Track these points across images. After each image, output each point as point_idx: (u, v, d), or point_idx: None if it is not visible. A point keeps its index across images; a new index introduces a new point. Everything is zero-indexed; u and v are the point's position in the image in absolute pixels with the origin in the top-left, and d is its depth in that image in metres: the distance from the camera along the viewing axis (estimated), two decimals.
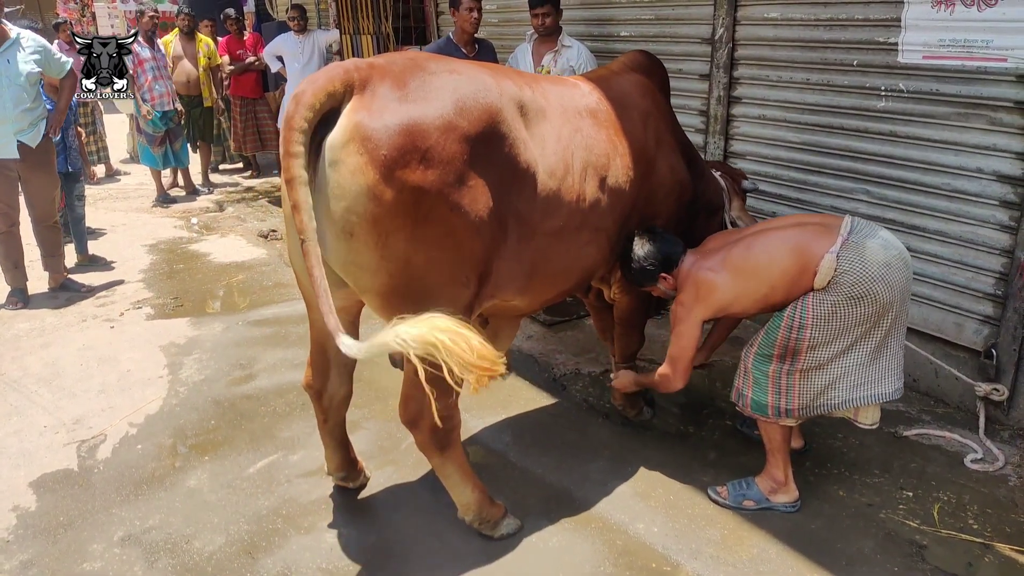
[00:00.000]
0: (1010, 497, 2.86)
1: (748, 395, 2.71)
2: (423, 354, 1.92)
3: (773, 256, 2.60)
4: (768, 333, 2.65)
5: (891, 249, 2.52)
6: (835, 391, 2.61)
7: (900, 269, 2.50)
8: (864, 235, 2.53)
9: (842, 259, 2.47)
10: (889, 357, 2.63)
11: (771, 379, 2.64)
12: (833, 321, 2.52)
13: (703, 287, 2.69)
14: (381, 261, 2.17)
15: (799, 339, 2.56)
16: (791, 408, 2.63)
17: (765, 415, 2.68)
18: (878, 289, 2.46)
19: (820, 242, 2.53)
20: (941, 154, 3.34)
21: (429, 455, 2.52)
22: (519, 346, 4.15)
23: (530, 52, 4.84)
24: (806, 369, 2.58)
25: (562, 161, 2.54)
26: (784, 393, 2.63)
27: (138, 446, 3.23)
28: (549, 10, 4.59)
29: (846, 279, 2.46)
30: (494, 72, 2.46)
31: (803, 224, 2.70)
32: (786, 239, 2.62)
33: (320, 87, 2.08)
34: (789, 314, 2.57)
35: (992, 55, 3.10)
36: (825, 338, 2.54)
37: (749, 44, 4.07)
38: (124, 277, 5.37)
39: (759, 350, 2.68)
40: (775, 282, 2.58)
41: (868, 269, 2.46)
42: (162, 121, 7.43)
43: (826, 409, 2.65)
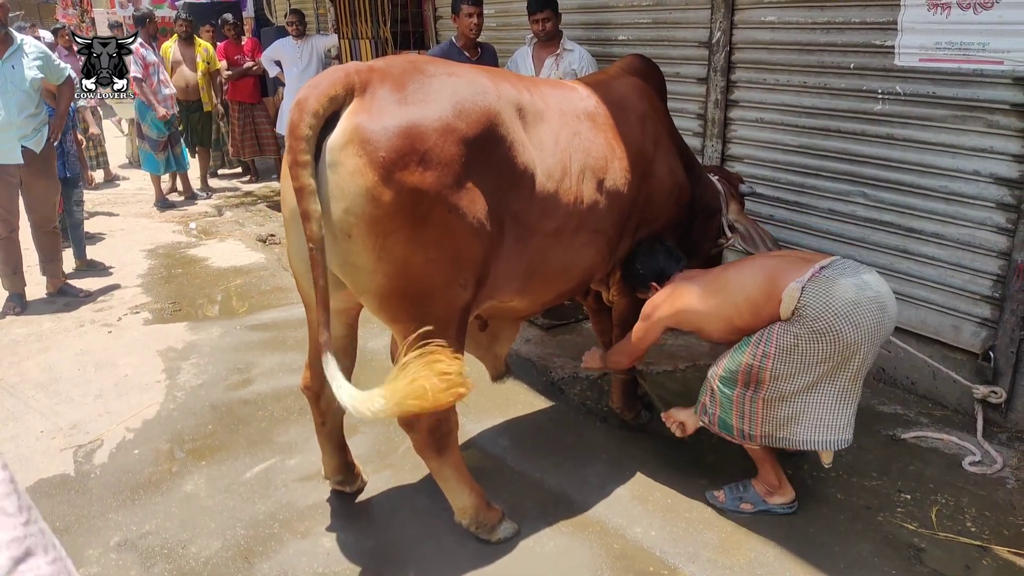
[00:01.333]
0: (1008, 500, 2.85)
1: (716, 412, 2.68)
2: (416, 409, 2.02)
3: (743, 279, 2.63)
4: (733, 356, 2.61)
5: (866, 291, 2.45)
6: (798, 427, 2.56)
7: (872, 312, 2.43)
8: (840, 273, 2.48)
9: (807, 291, 2.44)
10: (853, 404, 2.58)
11: (735, 403, 2.61)
12: (795, 353, 2.47)
13: (676, 291, 2.76)
14: (379, 262, 2.17)
15: (761, 367, 2.52)
16: (754, 435, 2.61)
17: (731, 435, 2.67)
18: (841, 327, 2.40)
19: (791, 273, 2.51)
20: (938, 157, 3.35)
21: (426, 458, 2.52)
22: (517, 349, 4.15)
23: (530, 56, 4.85)
24: (769, 398, 2.55)
25: (560, 163, 2.55)
26: (748, 418, 2.60)
27: (135, 451, 3.22)
28: (549, 15, 4.61)
29: (808, 312, 2.43)
30: (493, 75, 2.47)
31: (785, 256, 2.76)
32: (763, 266, 2.64)
33: (323, 92, 2.09)
34: (755, 340, 2.54)
35: (989, 58, 3.10)
36: (787, 371, 2.49)
37: (746, 48, 4.08)
38: (122, 282, 5.37)
39: (724, 372, 2.63)
40: (740, 305, 2.58)
41: (832, 305, 2.41)
42: (166, 126, 7.44)
43: (788, 444, 2.62)
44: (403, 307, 2.26)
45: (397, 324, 2.32)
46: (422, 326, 2.27)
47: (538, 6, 4.63)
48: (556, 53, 4.65)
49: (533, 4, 4.68)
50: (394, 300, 2.25)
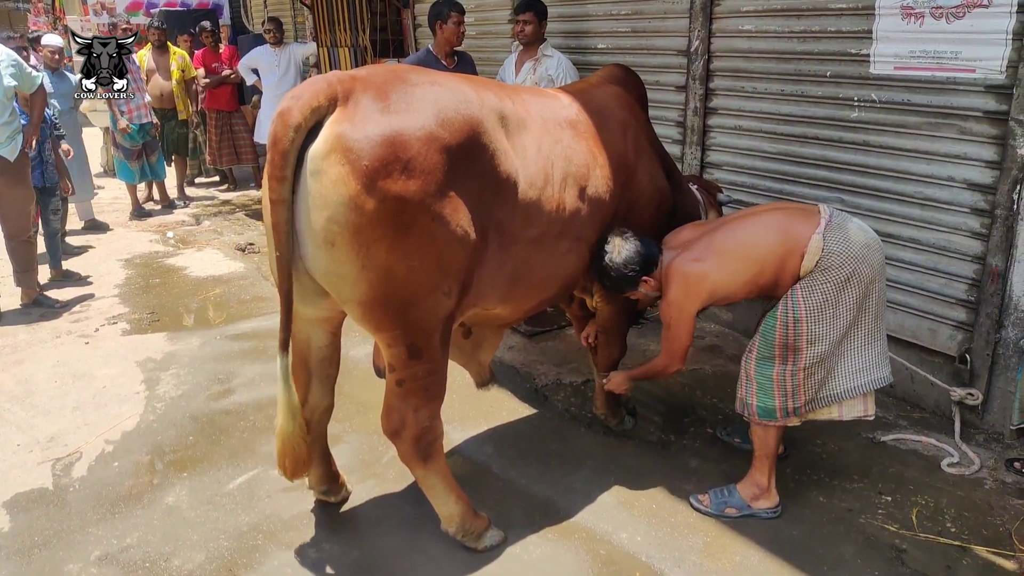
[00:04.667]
0: (986, 500, 2.90)
1: (753, 403, 2.70)
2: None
3: (760, 236, 2.64)
4: (764, 335, 2.66)
5: (868, 232, 2.62)
6: (836, 380, 2.64)
7: (876, 250, 2.59)
8: (843, 219, 2.61)
9: (828, 239, 2.53)
10: (880, 343, 2.68)
11: (775, 382, 2.64)
12: (826, 309, 2.54)
13: (692, 278, 2.68)
14: (362, 271, 2.17)
15: (797, 335, 2.57)
16: (799, 406, 2.64)
17: (774, 419, 2.67)
18: (861, 268, 2.52)
19: (804, 225, 2.58)
20: (913, 163, 3.40)
21: (412, 466, 2.51)
22: (501, 357, 4.14)
23: (513, 61, 4.88)
24: (808, 366, 2.59)
25: (542, 171, 2.56)
26: (791, 394, 2.63)
27: (115, 463, 3.18)
28: (529, 18, 4.62)
29: (833, 260, 2.51)
30: (475, 84, 2.48)
31: (782, 208, 2.78)
32: (770, 222, 2.67)
33: (305, 103, 2.08)
34: (782, 311, 2.59)
35: (961, 66, 3.16)
36: (821, 330, 2.56)
37: (724, 56, 4.13)
38: (99, 292, 5.30)
39: (759, 353, 2.67)
40: (764, 262, 2.61)
41: (852, 249, 2.52)
42: (139, 135, 7.37)
43: (831, 401, 2.67)
44: (387, 315, 2.25)
45: (381, 333, 2.31)
46: (406, 334, 2.30)
47: (522, 7, 4.66)
48: (535, 58, 4.68)
49: (518, 6, 4.70)
50: (378, 308, 2.24)
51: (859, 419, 2.74)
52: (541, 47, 4.66)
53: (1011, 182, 3.06)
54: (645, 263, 2.75)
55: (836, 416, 2.71)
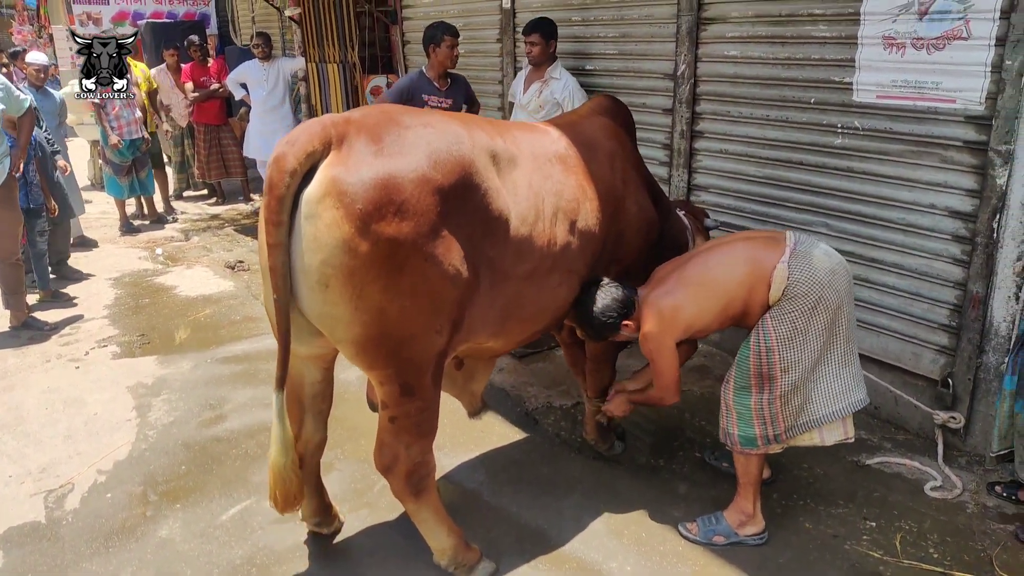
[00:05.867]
0: (968, 525, 2.96)
1: (734, 432, 2.75)
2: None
3: (728, 268, 2.71)
4: (739, 365, 2.72)
5: (833, 257, 2.68)
6: (814, 406, 2.69)
7: (843, 275, 2.65)
8: (809, 245, 2.68)
9: (792, 267, 2.59)
10: (854, 365, 2.74)
11: (754, 411, 2.69)
12: (796, 337, 2.61)
13: (666, 311, 2.74)
14: (356, 312, 2.20)
15: (770, 363, 2.63)
16: (779, 434, 2.70)
17: (755, 447, 2.73)
18: (827, 295, 2.58)
19: (770, 254, 2.65)
20: (896, 190, 3.47)
21: (404, 501, 2.54)
22: (491, 379, 4.17)
23: (523, 80, 4.92)
24: (784, 393, 2.65)
25: (533, 207, 2.59)
26: (770, 422, 2.69)
27: (107, 495, 3.18)
28: (536, 39, 4.66)
29: (799, 288, 2.57)
30: (466, 123, 2.51)
31: (751, 238, 2.85)
32: (738, 251, 2.75)
33: (300, 149, 2.11)
34: (754, 340, 2.66)
35: (942, 96, 3.23)
36: (793, 357, 2.62)
37: (710, 80, 4.18)
38: (88, 313, 5.29)
39: (736, 383, 2.73)
40: (732, 293, 2.68)
41: (817, 275, 2.58)
42: (129, 150, 7.35)
43: (810, 427, 2.72)
44: (380, 355, 2.28)
45: (374, 371, 2.34)
46: (399, 373, 2.33)
47: (528, 29, 4.70)
48: (543, 79, 4.72)
49: (526, 26, 4.75)
50: (371, 348, 2.27)
51: (841, 443, 2.79)
52: (549, 69, 4.69)
53: (991, 211, 3.12)
54: (622, 308, 2.80)
55: (817, 441, 2.76)
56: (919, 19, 3.23)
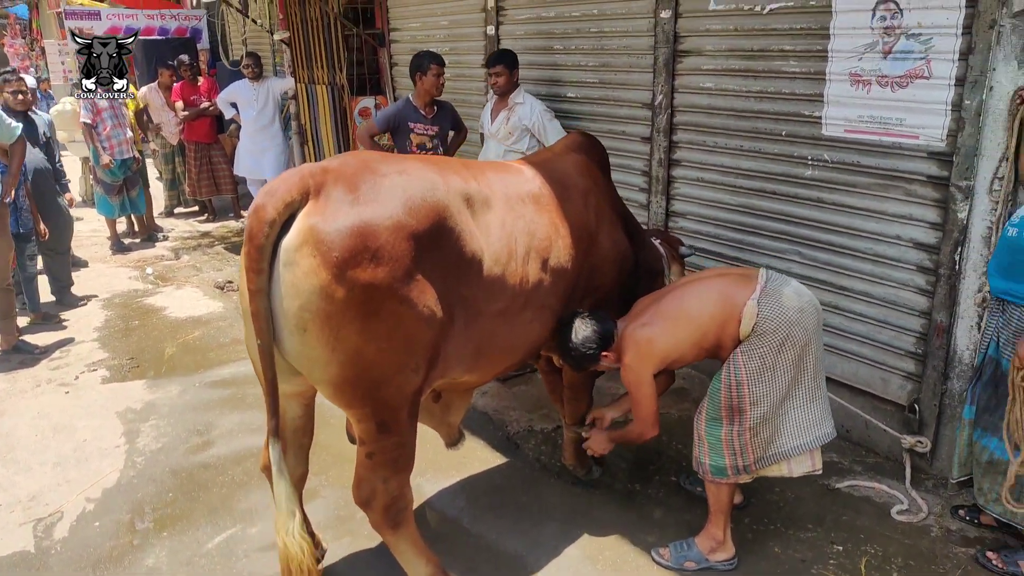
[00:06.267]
0: (931, 548, 3.05)
1: (706, 462, 2.85)
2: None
3: (702, 302, 2.82)
4: (712, 397, 2.82)
5: (803, 296, 2.78)
6: (783, 438, 2.79)
7: (811, 313, 2.75)
8: (779, 283, 2.79)
9: (762, 305, 2.70)
10: (821, 400, 2.85)
11: (724, 442, 2.79)
12: (764, 372, 2.71)
13: (643, 343, 2.85)
14: (333, 354, 2.29)
15: (740, 396, 2.73)
16: (748, 464, 2.80)
17: (725, 476, 2.83)
18: (795, 332, 2.69)
19: (741, 291, 2.76)
20: (864, 221, 3.57)
21: (382, 533, 2.62)
22: (474, 403, 4.25)
23: (489, 110, 5.03)
24: (754, 426, 2.75)
25: (506, 247, 2.69)
26: (739, 452, 2.78)
27: (96, 523, 3.26)
28: (501, 70, 4.79)
29: (768, 325, 2.68)
30: (442, 169, 2.61)
31: (724, 275, 2.96)
32: (711, 287, 2.86)
33: (279, 199, 2.20)
34: (725, 374, 2.76)
35: (905, 132, 3.34)
36: (762, 391, 2.72)
37: (687, 111, 4.29)
38: (79, 336, 5.36)
39: (708, 415, 2.84)
40: (705, 327, 2.79)
41: (785, 313, 2.69)
42: (120, 170, 7.43)
43: (779, 459, 2.81)
44: (357, 394, 2.37)
45: (351, 410, 2.43)
46: (376, 411, 2.42)
47: (492, 61, 4.83)
48: (508, 107, 4.83)
49: (489, 59, 4.87)
50: (348, 388, 2.36)
51: (808, 474, 2.88)
52: (513, 95, 4.81)
53: (952, 244, 3.23)
54: (602, 340, 2.91)
55: (786, 473, 2.86)
56: (883, 58, 3.34)
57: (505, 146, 4.84)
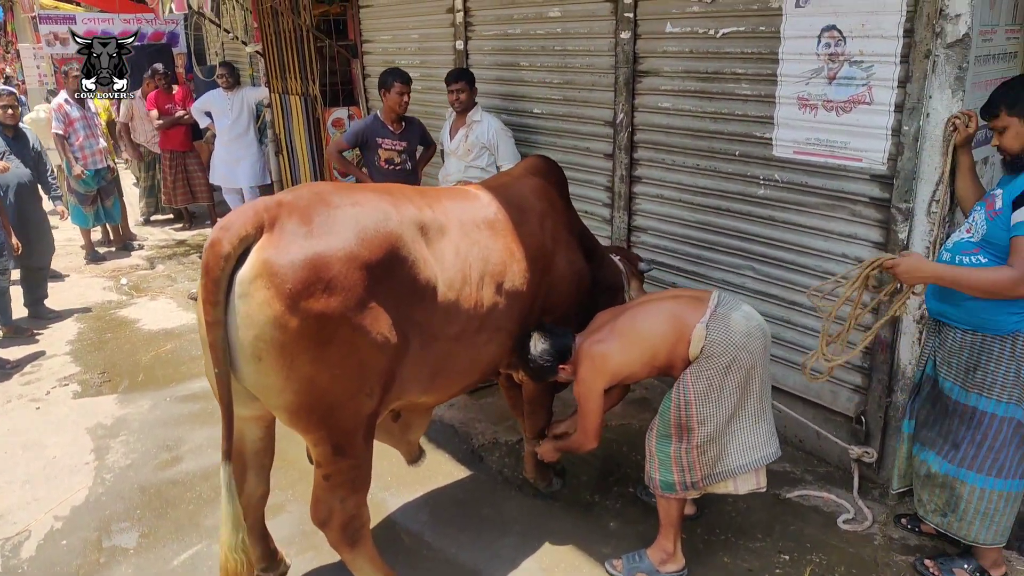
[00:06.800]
0: (873, 556, 3.18)
1: (656, 477, 2.96)
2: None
3: (653, 323, 2.94)
4: (662, 415, 2.94)
5: (752, 320, 2.89)
6: (729, 457, 2.90)
7: (758, 337, 2.86)
8: (729, 307, 2.89)
9: (711, 328, 2.81)
10: (767, 421, 2.96)
11: (673, 459, 2.91)
12: (711, 393, 2.82)
13: (597, 359, 2.96)
14: (287, 382, 2.38)
15: (688, 415, 2.84)
16: (696, 481, 2.91)
17: (674, 492, 2.94)
18: (741, 356, 2.80)
19: (692, 313, 2.87)
20: (812, 239, 3.70)
21: (340, 552, 2.71)
22: (441, 415, 4.35)
23: (449, 127, 5.12)
24: (701, 444, 2.86)
25: (460, 273, 2.79)
26: (687, 469, 2.89)
27: (63, 541, 3.32)
28: (463, 86, 4.88)
29: (715, 348, 2.79)
30: (396, 198, 2.69)
31: (678, 297, 3.08)
32: (663, 309, 2.97)
33: (234, 234, 2.29)
34: (675, 393, 2.87)
35: (850, 155, 3.47)
36: (709, 411, 2.83)
37: (646, 129, 4.40)
38: (51, 350, 5.40)
39: (659, 432, 2.95)
40: (656, 347, 2.90)
41: (732, 338, 2.79)
42: (94, 180, 7.45)
43: (725, 476, 2.92)
44: (312, 419, 2.46)
45: (307, 434, 2.52)
46: (331, 435, 2.51)
47: (453, 77, 4.92)
48: (466, 125, 4.93)
49: (449, 75, 4.96)
50: (303, 414, 2.45)
51: (753, 491, 3.00)
52: (471, 114, 4.91)
53: None
54: (559, 353, 3.01)
55: (732, 490, 2.97)
56: (828, 83, 3.46)
57: (465, 163, 4.94)
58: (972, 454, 2.78)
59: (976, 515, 2.81)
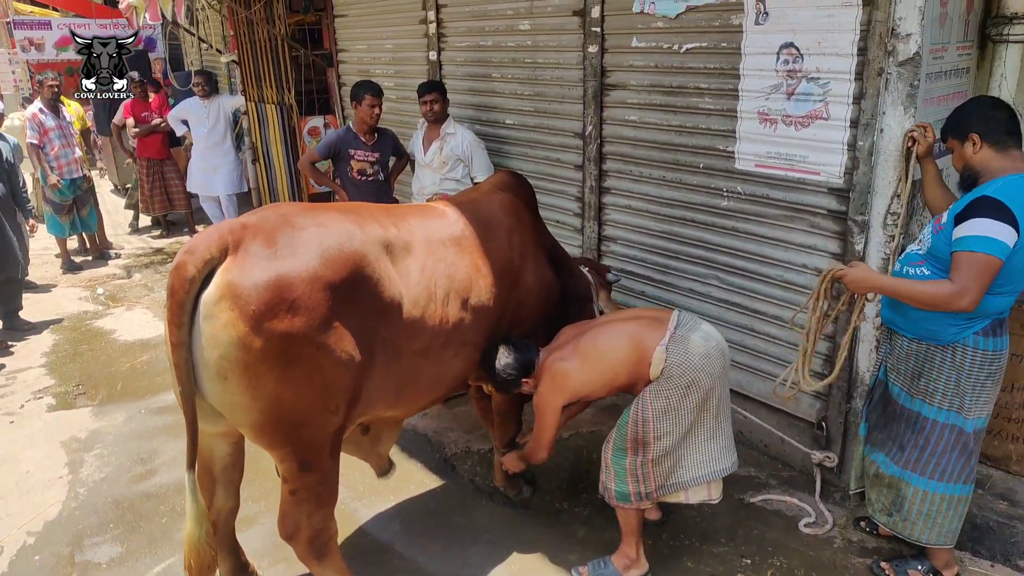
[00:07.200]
0: (832, 559, 3.28)
1: (612, 488, 3.04)
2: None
3: (614, 345, 3.00)
4: (619, 429, 3.01)
5: (710, 341, 2.95)
6: (683, 470, 2.98)
7: (717, 358, 2.93)
8: (688, 329, 2.95)
9: (670, 351, 2.87)
10: (722, 437, 3.03)
11: (628, 471, 2.98)
12: (669, 412, 2.90)
13: (558, 376, 3.04)
14: (252, 400, 2.43)
15: (645, 431, 2.92)
16: (650, 492, 2.98)
17: (629, 502, 3.01)
18: (700, 377, 2.87)
19: (652, 335, 2.93)
20: (774, 249, 3.79)
21: (309, 564, 2.76)
22: (415, 425, 4.41)
23: (421, 139, 5.17)
24: (656, 457, 2.94)
25: (425, 290, 2.85)
26: (642, 480, 2.97)
27: (36, 556, 3.35)
28: (436, 97, 4.94)
29: (674, 370, 2.86)
30: (361, 218, 2.75)
31: (639, 318, 3.14)
32: (624, 331, 3.04)
33: (198, 257, 2.34)
34: (634, 410, 2.95)
35: (808, 169, 3.56)
36: (665, 428, 2.91)
37: (614, 141, 4.48)
38: (25, 362, 5.40)
39: (615, 445, 3.02)
40: (617, 368, 2.97)
41: (691, 360, 2.86)
42: (70, 189, 7.44)
43: (678, 488, 3.01)
44: (278, 436, 2.51)
45: (273, 450, 2.57)
46: (296, 451, 2.56)
47: (426, 88, 4.98)
48: (440, 137, 4.98)
49: (422, 86, 5.01)
50: (269, 431, 2.50)
51: (704, 503, 3.07)
52: (444, 126, 4.97)
53: None
54: (523, 367, 3.08)
55: (683, 500, 3.05)
56: (787, 99, 3.55)
57: (440, 175, 4.99)
58: (915, 457, 2.89)
59: (919, 516, 2.91)
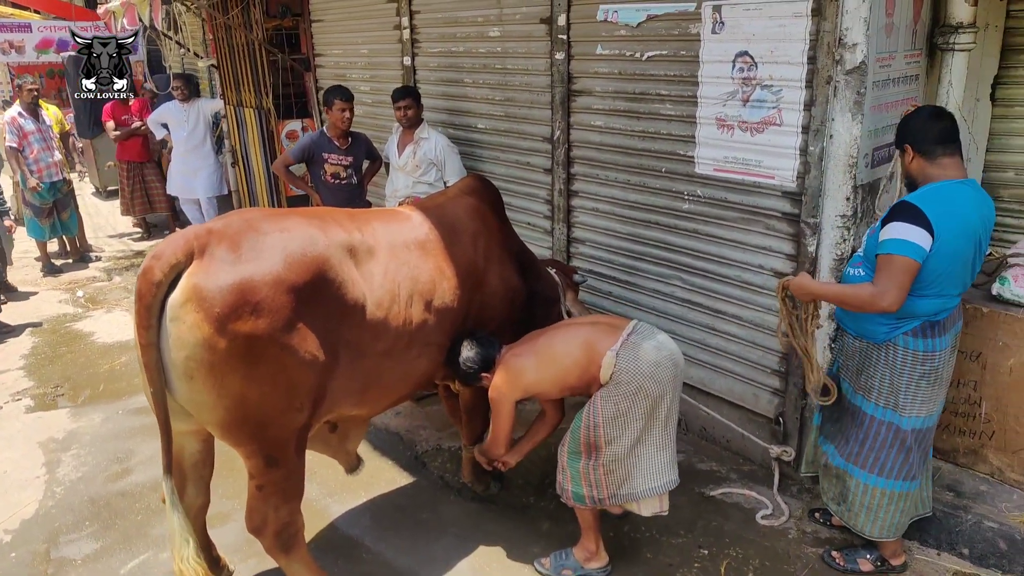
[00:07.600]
0: (787, 550, 3.40)
1: (568, 488, 3.14)
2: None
3: (568, 347, 3.11)
4: (573, 433, 3.11)
5: (663, 350, 3.03)
6: (634, 480, 3.06)
7: (668, 368, 3.00)
8: (642, 337, 3.04)
9: (620, 357, 2.97)
10: (668, 451, 3.11)
11: (582, 474, 3.08)
12: (618, 417, 2.98)
13: (512, 371, 3.15)
14: (219, 399, 2.52)
15: (596, 435, 3.01)
16: (603, 497, 3.08)
17: (584, 504, 3.12)
18: (648, 384, 2.95)
19: (605, 340, 3.03)
20: (732, 251, 3.92)
21: (276, 558, 2.86)
22: (387, 423, 4.51)
23: (396, 143, 5.27)
24: (607, 462, 3.03)
25: (388, 292, 2.95)
26: (595, 486, 3.07)
27: (12, 554, 3.43)
28: (410, 103, 5.05)
29: (623, 376, 2.95)
30: (325, 223, 2.85)
31: (596, 323, 3.25)
32: (579, 334, 3.14)
33: (165, 262, 2.44)
34: (586, 414, 3.04)
35: (763, 173, 3.69)
36: (615, 433, 2.99)
37: (581, 146, 4.60)
38: (5, 364, 5.46)
39: (570, 448, 3.12)
40: (568, 370, 3.08)
41: (640, 367, 2.95)
42: (50, 192, 7.48)
43: (630, 498, 3.09)
44: (243, 434, 2.61)
45: (240, 447, 2.67)
46: (262, 448, 2.66)
47: (400, 94, 5.08)
48: (414, 141, 5.09)
49: (396, 93, 5.12)
50: (235, 429, 2.60)
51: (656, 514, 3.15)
52: (418, 130, 5.07)
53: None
54: (483, 362, 3.19)
55: (636, 510, 3.15)
56: (743, 105, 3.68)
57: (413, 178, 5.09)
58: (857, 451, 3.02)
59: (861, 508, 3.05)
